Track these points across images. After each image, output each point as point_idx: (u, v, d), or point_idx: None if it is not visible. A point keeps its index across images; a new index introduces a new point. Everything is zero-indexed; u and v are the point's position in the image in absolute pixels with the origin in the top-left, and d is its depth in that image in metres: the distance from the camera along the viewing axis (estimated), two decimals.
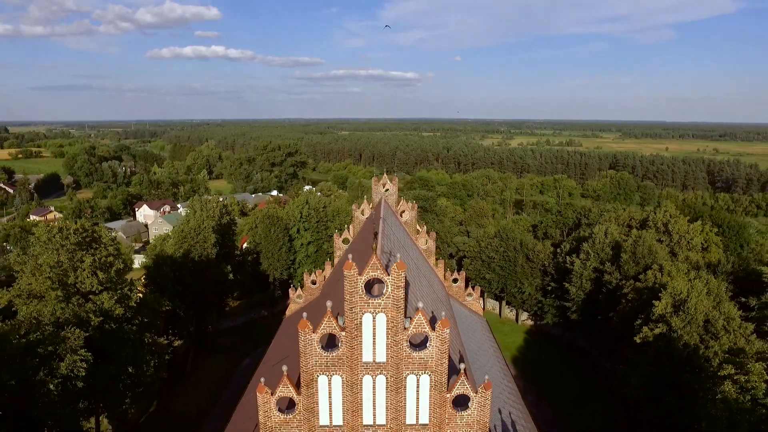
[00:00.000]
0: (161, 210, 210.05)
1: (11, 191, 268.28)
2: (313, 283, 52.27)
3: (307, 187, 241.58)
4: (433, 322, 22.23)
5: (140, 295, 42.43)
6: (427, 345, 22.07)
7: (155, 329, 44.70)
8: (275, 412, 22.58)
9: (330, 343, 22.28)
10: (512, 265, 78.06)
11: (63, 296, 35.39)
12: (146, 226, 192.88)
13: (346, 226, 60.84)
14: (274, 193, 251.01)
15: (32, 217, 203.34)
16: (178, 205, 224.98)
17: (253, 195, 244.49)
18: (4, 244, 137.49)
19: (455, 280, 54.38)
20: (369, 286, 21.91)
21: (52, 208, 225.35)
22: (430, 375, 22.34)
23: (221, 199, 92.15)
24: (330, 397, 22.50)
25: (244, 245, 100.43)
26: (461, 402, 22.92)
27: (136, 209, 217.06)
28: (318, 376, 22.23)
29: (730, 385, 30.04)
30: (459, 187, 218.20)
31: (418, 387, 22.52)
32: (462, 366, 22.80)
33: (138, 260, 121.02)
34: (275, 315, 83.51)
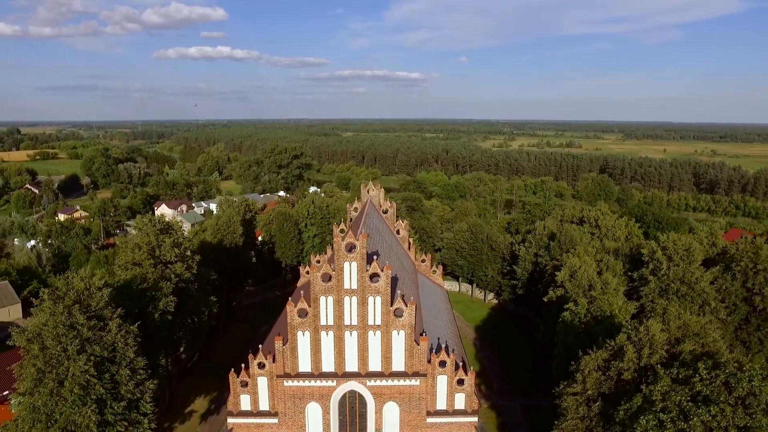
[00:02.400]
0: (179, 209, 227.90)
1: (37, 191, 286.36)
2: (318, 262, 70.66)
3: (312, 188, 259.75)
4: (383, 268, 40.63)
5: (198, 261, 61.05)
6: (379, 279, 40.49)
7: (205, 292, 63.32)
8: (296, 316, 41.09)
9: (327, 278, 40.74)
10: (479, 254, 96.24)
11: (153, 264, 53.93)
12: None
13: (342, 220, 79.10)
14: (281, 193, 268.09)
15: (60, 216, 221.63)
16: (193, 205, 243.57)
17: (262, 195, 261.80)
18: (47, 239, 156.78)
19: (423, 260, 72.79)
20: (348, 247, 40.39)
21: (78, 207, 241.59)
22: (381, 296, 40.80)
23: (245, 199, 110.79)
24: (326, 308, 40.98)
25: (259, 238, 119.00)
26: (399, 313, 41.32)
27: (155, 208, 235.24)
28: (320, 296, 40.72)
29: (567, 313, 47.92)
30: (452, 188, 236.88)
31: (374, 303, 40.96)
32: (398, 292, 41.25)
33: None
34: (287, 295, 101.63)
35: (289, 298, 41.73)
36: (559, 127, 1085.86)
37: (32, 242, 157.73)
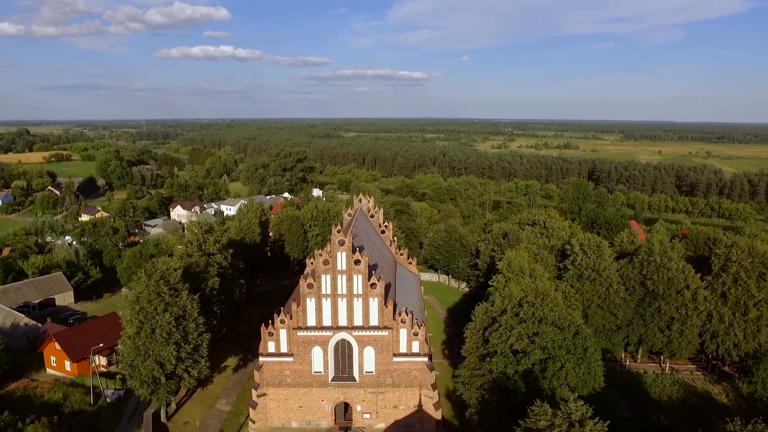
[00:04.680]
0: (192, 210, 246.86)
1: (58, 193, 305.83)
2: (320, 255, 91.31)
3: (315, 190, 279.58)
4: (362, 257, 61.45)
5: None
6: (361, 264, 61.27)
7: (236, 277, 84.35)
8: (306, 288, 61.93)
9: (326, 262, 61.55)
10: (452, 249, 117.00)
11: (201, 254, 74.92)
12: (181, 223, 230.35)
13: (339, 222, 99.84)
14: (286, 195, 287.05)
15: (84, 216, 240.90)
16: (204, 206, 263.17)
17: (268, 197, 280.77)
18: (81, 237, 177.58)
19: (402, 254, 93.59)
20: (340, 242, 61.20)
21: (99, 208, 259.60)
22: (362, 275, 61.60)
23: (261, 204, 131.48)
24: (326, 283, 61.77)
25: (270, 235, 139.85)
26: (374, 286, 62.07)
27: (171, 209, 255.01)
28: (321, 275, 61.55)
29: (492, 288, 68.61)
30: (443, 191, 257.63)
31: (358, 280, 61.71)
32: (374, 272, 62.02)
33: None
34: (294, 284, 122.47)
35: (301, 276, 62.60)
36: (561, 127, 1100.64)
37: (65, 240, 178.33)
